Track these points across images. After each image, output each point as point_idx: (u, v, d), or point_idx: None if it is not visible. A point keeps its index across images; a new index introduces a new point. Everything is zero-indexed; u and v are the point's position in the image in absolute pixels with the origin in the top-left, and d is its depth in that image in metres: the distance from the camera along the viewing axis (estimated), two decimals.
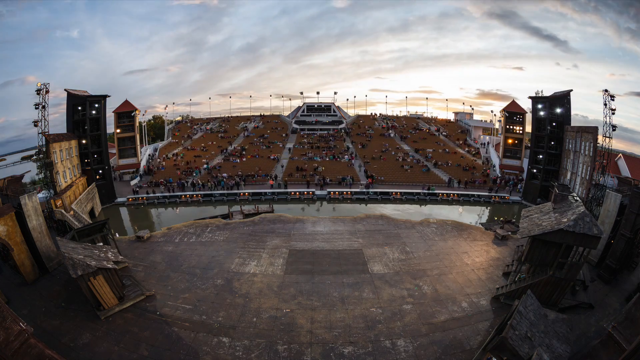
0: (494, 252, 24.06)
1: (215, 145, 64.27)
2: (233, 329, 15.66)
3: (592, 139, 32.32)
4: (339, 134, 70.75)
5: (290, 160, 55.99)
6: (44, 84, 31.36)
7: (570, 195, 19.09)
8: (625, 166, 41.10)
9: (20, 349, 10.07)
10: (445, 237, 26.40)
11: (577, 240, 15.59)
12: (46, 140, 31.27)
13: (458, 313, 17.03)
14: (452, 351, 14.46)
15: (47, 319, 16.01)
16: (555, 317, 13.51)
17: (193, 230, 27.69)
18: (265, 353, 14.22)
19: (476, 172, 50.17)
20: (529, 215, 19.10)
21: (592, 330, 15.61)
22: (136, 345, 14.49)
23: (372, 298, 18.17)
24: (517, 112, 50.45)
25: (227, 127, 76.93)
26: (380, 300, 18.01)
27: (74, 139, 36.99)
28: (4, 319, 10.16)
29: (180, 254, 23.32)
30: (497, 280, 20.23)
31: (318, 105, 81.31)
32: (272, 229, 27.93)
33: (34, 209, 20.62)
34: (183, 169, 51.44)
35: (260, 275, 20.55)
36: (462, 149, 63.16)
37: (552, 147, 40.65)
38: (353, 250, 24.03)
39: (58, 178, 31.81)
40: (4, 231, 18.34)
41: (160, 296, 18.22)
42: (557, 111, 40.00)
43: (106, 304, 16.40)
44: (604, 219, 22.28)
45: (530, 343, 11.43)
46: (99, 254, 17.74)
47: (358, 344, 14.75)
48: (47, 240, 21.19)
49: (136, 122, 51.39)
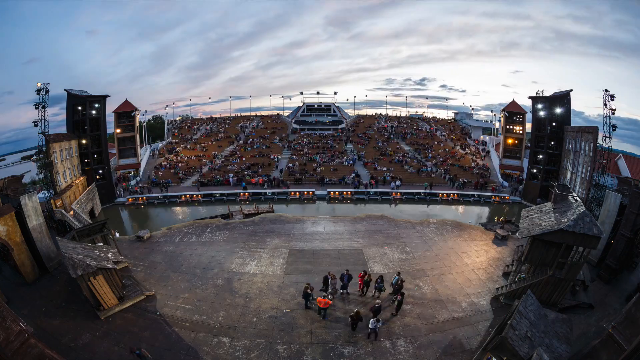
0: (494, 252, 24.06)
1: (216, 145, 64.28)
2: (233, 329, 15.66)
3: (592, 139, 32.33)
4: (339, 134, 70.73)
5: (290, 160, 55.99)
6: (44, 84, 31.38)
7: (570, 195, 19.08)
8: (625, 166, 41.09)
9: (20, 349, 10.07)
10: (445, 237, 26.40)
11: (577, 240, 15.59)
12: (46, 140, 31.28)
13: (458, 313, 17.03)
14: (452, 351, 14.46)
15: (47, 319, 16.01)
16: (555, 317, 13.50)
17: (193, 230, 27.68)
18: (265, 353, 14.22)
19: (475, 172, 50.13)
20: (529, 215, 19.10)
21: (592, 330, 15.62)
22: (136, 345, 14.47)
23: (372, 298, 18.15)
24: (517, 112, 50.48)
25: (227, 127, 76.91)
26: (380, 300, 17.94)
27: (74, 139, 37.00)
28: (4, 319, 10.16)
29: (180, 254, 23.32)
30: (497, 280, 20.23)
31: (318, 105, 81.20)
32: (272, 229, 27.93)
33: (34, 209, 20.63)
34: (183, 169, 51.53)
35: (260, 275, 20.55)
36: (462, 149, 63.15)
37: (552, 147, 40.66)
38: (353, 250, 24.02)
39: (58, 178, 31.82)
40: (4, 231, 18.34)
41: (160, 296, 18.22)
42: (557, 111, 40.01)
43: (106, 304, 16.40)
44: (604, 219, 22.30)
45: (530, 343, 11.43)
46: (99, 254, 17.73)
47: (358, 344, 14.75)
48: (47, 240, 21.19)
49: (136, 122, 51.36)
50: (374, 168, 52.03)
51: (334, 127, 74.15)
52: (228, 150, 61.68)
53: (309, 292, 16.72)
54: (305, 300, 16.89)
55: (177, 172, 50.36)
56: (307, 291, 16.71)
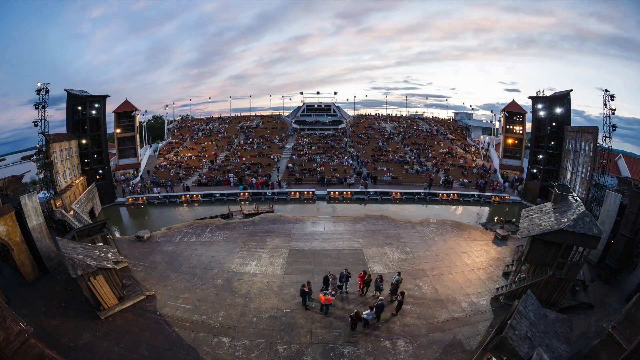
0: (494, 252, 24.06)
1: (216, 145, 64.27)
2: (233, 329, 15.65)
3: (592, 139, 32.34)
4: (339, 134, 70.71)
5: (290, 160, 56.00)
6: (44, 84, 31.38)
7: (570, 195, 19.09)
8: (625, 166, 41.10)
9: (20, 349, 10.05)
10: (445, 237, 26.40)
11: (577, 240, 15.59)
12: (46, 140, 31.27)
13: (458, 313, 17.03)
14: (452, 351, 14.46)
15: (47, 319, 16.00)
16: (555, 317, 13.50)
17: (193, 230, 27.68)
18: (265, 353, 14.22)
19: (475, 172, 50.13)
20: (529, 215, 19.10)
21: (592, 330, 15.60)
22: (136, 345, 14.48)
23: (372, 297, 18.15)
24: (517, 112, 50.49)
25: (227, 127, 76.89)
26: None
27: (74, 139, 37.00)
28: (4, 319, 10.14)
29: (180, 254, 23.32)
30: (497, 280, 20.23)
31: (318, 105, 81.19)
32: (272, 229, 27.93)
33: (34, 209, 20.62)
34: (184, 169, 51.52)
35: (260, 275, 20.55)
36: (462, 149, 63.15)
37: (552, 147, 40.67)
38: (353, 250, 24.02)
39: (58, 178, 31.81)
40: (4, 231, 18.33)
41: (160, 296, 18.22)
42: (557, 111, 40.01)
43: (106, 304, 16.40)
44: (604, 219, 22.29)
45: (530, 343, 11.42)
46: (99, 254, 17.73)
47: (358, 344, 14.75)
48: (47, 240, 21.17)
49: (136, 122, 51.39)
50: (373, 168, 52.04)
51: (334, 127, 74.15)
52: (228, 150, 61.69)
53: (306, 290, 16.65)
54: (303, 298, 16.87)
55: (177, 172, 50.38)
56: (305, 289, 16.65)
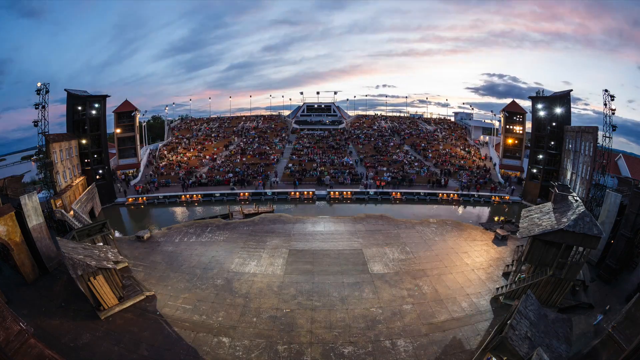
0: (494, 252, 24.06)
1: (215, 145, 64.27)
2: (233, 329, 15.66)
3: (592, 139, 32.33)
4: (339, 134, 70.69)
5: (290, 160, 55.98)
6: (44, 84, 31.37)
7: (570, 195, 19.10)
8: (625, 166, 41.06)
9: (20, 349, 10.06)
10: (445, 237, 26.40)
11: (577, 240, 15.60)
12: (46, 140, 31.26)
13: (458, 313, 17.03)
14: (452, 351, 14.47)
15: (47, 319, 16.01)
16: (555, 317, 13.50)
17: (193, 230, 27.68)
18: (265, 353, 14.22)
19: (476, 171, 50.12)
20: (529, 215, 19.11)
21: (592, 330, 15.61)
22: (136, 345, 14.49)
23: (372, 298, 18.18)
24: (517, 112, 50.46)
25: (227, 126, 76.89)
26: (380, 300, 18.01)
27: (74, 139, 36.98)
28: (4, 319, 10.15)
29: (180, 254, 23.32)
30: (497, 280, 20.24)
31: (318, 105, 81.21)
32: (272, 229, 27.93)
33: (34, 209, 20.62)
34: (184, 169, 51.50)
35: (260, 275, 20.55)
36: (462, 149, 63.12)
37: (552, 147, 40.65)
38: (353, 250, 24.02)
39: (58, 178, 31.80)
40: (4, 231, 18.33)
41: (160, 296, 18.22)
42: (557, 111, 40.00)
43: (106, 304, 16.40)
44: (604, 219, 22.29)
45: (530, 343, 11.43)
46: (99, 254, 17.73)
47: (358, 344, 14.75)
48: (47, 240, 21.18)
49: (136, 122, 51.35)
50: (374, 168, 52.01)
51: (334, 127, 74.15)
52: (228, 150, 61.68)
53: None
54: None
55: (177, 172, 50.36)
56: None
